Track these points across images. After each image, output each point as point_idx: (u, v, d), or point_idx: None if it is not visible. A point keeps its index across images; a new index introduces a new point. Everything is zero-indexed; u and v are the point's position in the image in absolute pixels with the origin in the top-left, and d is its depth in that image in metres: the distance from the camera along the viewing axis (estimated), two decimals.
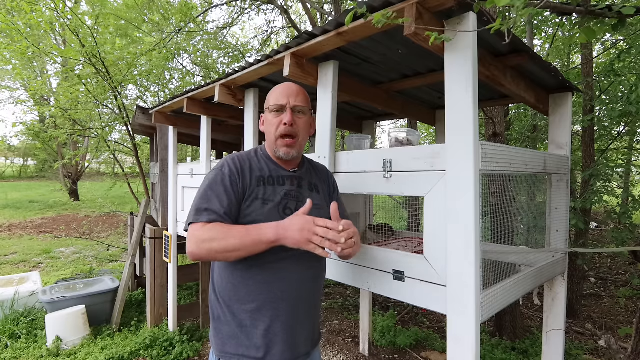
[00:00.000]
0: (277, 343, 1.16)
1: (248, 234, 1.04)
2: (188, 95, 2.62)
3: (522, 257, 1.76)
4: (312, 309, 1.25)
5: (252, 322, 1.16)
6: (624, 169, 5.14)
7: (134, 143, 5.48)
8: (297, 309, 1.19)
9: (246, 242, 1.03)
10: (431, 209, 1.31)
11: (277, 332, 1.16)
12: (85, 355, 3.03)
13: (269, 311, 1.15)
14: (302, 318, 1.21)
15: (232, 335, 1.17)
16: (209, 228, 1.07)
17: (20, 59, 8.79)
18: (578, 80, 4.12)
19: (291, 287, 1.17)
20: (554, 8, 1.18)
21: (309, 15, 6.75)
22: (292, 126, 1.21)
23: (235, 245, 1.04)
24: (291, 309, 1.18)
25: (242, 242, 1.03)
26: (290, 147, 1.22)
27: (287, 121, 1.20)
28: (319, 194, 1.31)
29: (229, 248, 1.04)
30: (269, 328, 1.15)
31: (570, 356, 3.03)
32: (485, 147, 1.23)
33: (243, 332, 1.16)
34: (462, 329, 1.20)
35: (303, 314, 1.21)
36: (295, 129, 1.22)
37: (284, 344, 1.17)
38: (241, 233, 1.05)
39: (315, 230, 0.99)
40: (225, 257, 1.07)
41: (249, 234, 1.04)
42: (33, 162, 22.40)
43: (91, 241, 7.35)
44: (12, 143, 12.75)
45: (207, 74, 8.20)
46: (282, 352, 1.16)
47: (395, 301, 4.30)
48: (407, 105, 2.57)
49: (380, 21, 1.11)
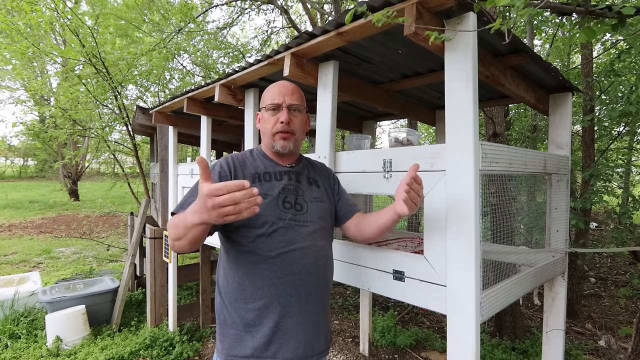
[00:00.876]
0: (289, 340, 1.14)
1: (181, 219, 0.98)
2: (188, 95, 2.62)
3: (522, 257, 1.76)
4: (322, 304, 1.23)
5: (259, 320, 1.13)
6: (624, 169, 5.13)
7: (134, 143, 5.48)
8: (308, 305, 1.18)
9: (180, 229, 0.98)
10: (431, 209, 1.31)
11: (288, 328, 1.14)
12: (85, 355, 3.03)
13: (277, 307, 1.13)
14: (313, 314, 1.19)
15: (240, 337, 1.15)
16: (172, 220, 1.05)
17: (20, 59, 8.78)
18: (578, 80, 4.12)
19: (300, 281, 1.15)
20: (554, 8, 1.17)
21: (309, 15, 6.75)
22: (289, 124, 1.23)
23: (175, 232, 1.00)
24: (301, 305, 1.16)
25: (177, 228, 0.99)
26: (287, 140, 1.23)
27: (284, 119, 1.22)
28: (318, 188, 1.31)
29: (176, 236, 1.00)
30: (278, 325, 1.13)
31: (570, 356, 3.03)
32: (485, 147, 1.22)
33: (251, 332, 1.14)
34: (462, 329, 1.20)
35: (314, 310, 1.19)
36: (292, 126, 1.24)
37: (296, 341, 1.14)
38: (179, 218, 0.99)
39: (218, 202, 0.82)
40: (181, 246, 1.01)
41: (182, 218, 0.98)
42: (33, 162, 22.39)
43: (91, 241, 7.35)
44: (12, 143, 12.78)
45: (207, 74, 8.20)
46: (294, 350, 1.14)
47: (395, 301, 4.30)
48: (407, 105, 2.57)
49: (380, 20, 1.11)
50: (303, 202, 1.23)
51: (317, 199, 1.27)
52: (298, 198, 1.22)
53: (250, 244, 1.15)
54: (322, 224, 1.26)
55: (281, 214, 1.17)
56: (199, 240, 1.00)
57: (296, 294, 1.15)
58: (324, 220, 1.27)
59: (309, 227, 1.21)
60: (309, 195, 1.26)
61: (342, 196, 1.40)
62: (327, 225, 1.30)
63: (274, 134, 1.23)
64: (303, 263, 1.17)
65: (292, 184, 1.24)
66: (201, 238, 0.99)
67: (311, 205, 1.24)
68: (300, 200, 1.23)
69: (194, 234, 0.95)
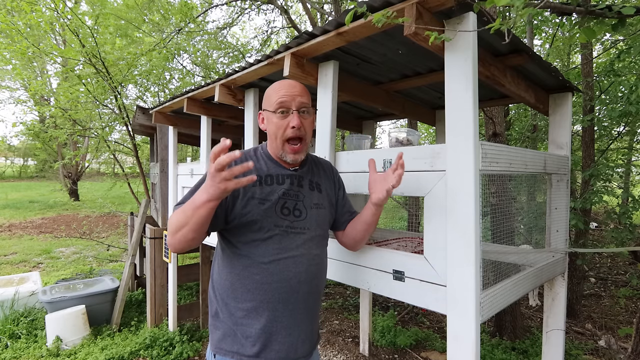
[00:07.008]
0: (273, 343, 1.16)
1: (188, 205, 1.02)
2: (188, 95, 2.62)
3: (522, 257, 1.76)
4: (311, 311, 1.24)
5: (247, 320, 1.15)
6: (624, 169, 5.14)
7: (134, 143, 5.48)
8: (296, 311, 1.19)
9: (187, 212, 1.01)
10: (431, 209, 1.31)
11: (274, 332, 1.16)
12: (85, 355, 3.03)
13: (265, 311, 1.15)
14: (300, 319, 1.20)
15: (228, 333, 1.18)
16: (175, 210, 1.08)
17: (20, 59, 8.78)
18: (578, 80, 4.12)
19: (290, 289, 1.16)
20: (553, 8, 1.17)
21: (309, 15, 6.75)
22: (300, 129, 1.18)
23: (181, 219, 1.02)
24: (289, 311, 1.17)
25: (184, 213, 1.02)
26: (298, 153, 1.21)
27: (296, 124, 1.16)
28: (320, 193, 1.30)
29: (180, 224, 1.02)
30: (265, 327, 1.15)
31: (570, 356, 3.03)
32: (485, 147, 1.22)
33: (239, 330, 1.16)
34: (462, 328, 1.20)
35: (302, 316, 1.20)
36: (302, 131, 1.19)
37: (280, 344, 1.16)
38: (185, 206, 1.03)
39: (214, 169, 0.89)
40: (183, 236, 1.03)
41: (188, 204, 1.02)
42: (33, 162, 22.37)
43: (91, 241, 7.34)
44: (12, 143, 12.78)
45: (207, 74, 8.20)
46: (278, 352, 1.16)
47: (395, 301, 4.30)
48: (407, 105, 2.57)
49: (380, 21, 1.11)
50: (303, 208, 1.22)
51: (318, 205, 1.27)
52: (298, 204, 1.21)
53: (245, 248, 1.16)
54: (319, 232, 1.26)
55: (278, 220, 1.17)
56: (203, 226, 1.02)
57: (285, 301, 1.16)
58: (321, 227, 1.27)
59: (306, 234, 1.21)
60: (310, 201, 1.25)
61: (344, 203, 1.40)
62: (324, 232, 1.30)
63: (284, 141, 1.19)
64: (294, 271, 1.17)
65: (293, 189, 1.22)
66: (205, 223, 1.02)
67: (310, 212, 1.23)
68: (299, 206, 1.22)
69: (200, 214, 0.98)
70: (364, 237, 1.37)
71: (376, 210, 1.28)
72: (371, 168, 1.33)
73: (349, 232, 1.38)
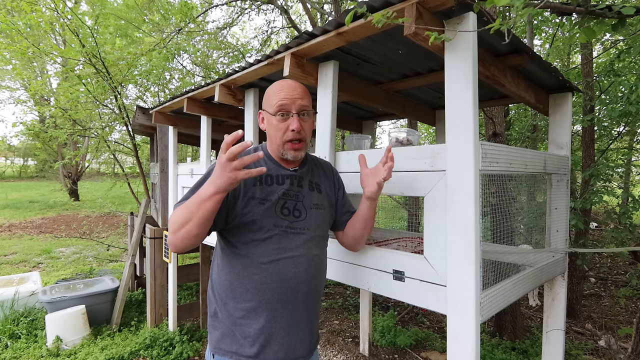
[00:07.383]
0: (272, 343, 1.15)
1: (192, 200, 1.03)
2: (188, 95, 2.62)
3: (522, 257, 1.76)
4: (310, 311, 1.24)
5: (246, 320, 1.15)
6: (624, 169, 5.14)
7: (134, 143, 5.48)
8: (295, 311, 1.19)
9: (192, 207, 1.01)
10: (431, 209, 1.31)
11: (272, 332, 1.15)
12: (85, 355, 3.03)
13: (264, 311, 1.15)
14: (299, 320, 1.20)
15: (227, 333, 1.18)
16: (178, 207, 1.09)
17: (20, 59, 8.78)
18: (578, 80, 4.12)
19: (289, 289, 1.16)
20: (553, 8, 1.17)
21: (309, 15, 6.75)
22: (300, 132, 1.19)
23: (185, 215, 1.03)
24: (288, 311, 1.17)
25: (188, 209, 1.02)
26: (299, 151, 1.21)
27: (295, 128, 1.17)
28: (320, 194, 1.30)
29: (184, 220, 1.03)
30: (263, 327, 1.15)
31: (570, 356, 3.03)
32: (485, 147, 1.23)
33: (237, 330, 1.16)
34: (462, 328, 1.20)
35: (301, 316, 1.20)
36: (303, 134, 1.20)
37: (279, 344, 1.16)
38: (188, 201, 1.05)
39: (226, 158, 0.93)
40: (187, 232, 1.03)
41: (192, 199, 1.03)
42: (33, 162, 22.37)
43: (91, 241, 7.34)
44: (12, 143, 12.79)
45: (207, 74, 8.20)
46: (276, 352, 1.16)
47: (395, 301, 4.30)
48: (407, 105, 2.57)
49: (380, 21, 1.11)
50: (302, 208, 1.22)
51: (317, 205, 1.27)
52: (297, 204, 1.22)
53: (244, 248, 1.16)
54: (318, 232, 1.26)
55: (278, 220, 1.17)
56: (208, 221, 1.03)
57: (284, 301, 1.16)
58: (321, 228, 1.27)
59: (305, 234, 1.21)
60: (309, 201, 1.25)
61: (344, 203, 1.40)
62: (324, 233, 1.30)
63: (284, 142, 1.20)
64: (294, 271, 1.17)
65: (293, 189, 1.23)
66: (210, 218, 1.02)
67: (310, 213, 1.24)
68: (299, 207, 1.22)
69: (206, 207, 0.99)
70: (364, 234, 1.37)
71: (371, 204, 1.29)
72: (362, 163, 1.34)
73: (348, 231, 1.38)
